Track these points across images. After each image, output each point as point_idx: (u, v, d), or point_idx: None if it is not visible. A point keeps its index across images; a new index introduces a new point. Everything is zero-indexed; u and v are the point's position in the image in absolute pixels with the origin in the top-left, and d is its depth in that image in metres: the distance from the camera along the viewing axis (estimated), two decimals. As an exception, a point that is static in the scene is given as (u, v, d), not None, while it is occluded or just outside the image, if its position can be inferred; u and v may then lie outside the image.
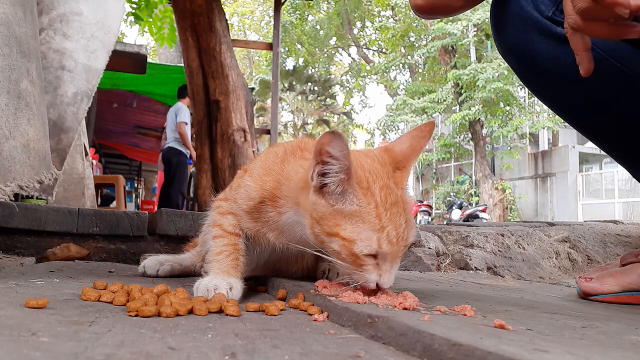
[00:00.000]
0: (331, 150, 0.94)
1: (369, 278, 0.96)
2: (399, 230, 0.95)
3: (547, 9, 1.18)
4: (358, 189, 0.96)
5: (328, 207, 0.97)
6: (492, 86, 15.04)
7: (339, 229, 0.95)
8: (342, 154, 0.93)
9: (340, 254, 0.96)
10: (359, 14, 23.07)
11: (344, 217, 0.96)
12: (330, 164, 0.95)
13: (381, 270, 0.96)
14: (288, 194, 1.07)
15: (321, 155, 0.95)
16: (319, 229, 0.98)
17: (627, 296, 1.30)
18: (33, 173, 2.19)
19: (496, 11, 1.31)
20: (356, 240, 0.94)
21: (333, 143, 0.93)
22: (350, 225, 0.95)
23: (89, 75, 3.35)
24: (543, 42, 1.20)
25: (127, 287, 1.01)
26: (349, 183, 0.95)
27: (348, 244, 0.94)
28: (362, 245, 0.94)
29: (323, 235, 0.97)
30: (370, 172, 0.99)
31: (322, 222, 0.97)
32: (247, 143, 5.48)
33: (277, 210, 1.09)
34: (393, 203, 0.96)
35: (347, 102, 28.31)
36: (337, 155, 0.94)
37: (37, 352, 0.55)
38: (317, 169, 0.97)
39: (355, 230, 0.95)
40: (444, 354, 0.61)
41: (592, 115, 1.25)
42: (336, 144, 0.93)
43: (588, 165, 18.07)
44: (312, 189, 0.98)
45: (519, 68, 1.33)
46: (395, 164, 1.04)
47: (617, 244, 2.47)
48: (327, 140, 0.94)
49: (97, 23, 3.43)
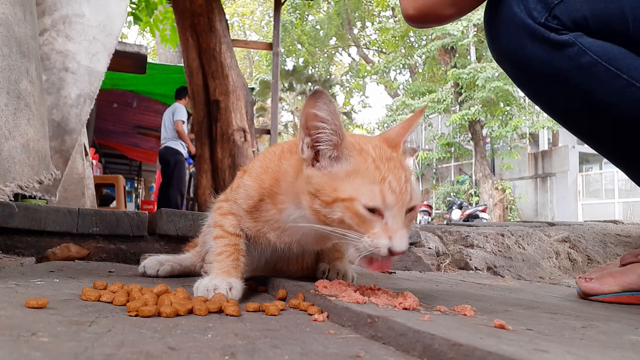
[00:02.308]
0: (319, 112, 0.92)
1: (379, 243, 0.88)
2: (400, 182, 0.91)
3: (539, 15, 1.19)
4: (352, 148, 0.95)
5: (323, 176, 0.94)
6: (492, 86, 15.05)
7: (337, 193, 0.91)
8: (331, 115, 0.92)
9: (344, 220, 0.91)
10: (359, 14, 23.07)
11: (341, 180, 0.93)
12: (322, 128, 0.93)
13: (391, 232, 0.89)
14: (286, 188, 1.06)
15: (308, 122, 0.93)
16: (319, 204, 0.94)
17: (627, 296, 1.30)
18: (33, 173, 2.19)
19: (489, 18, 1.32)
20: (357, 195, 0.89)
21: (319, 104, 0.91)
22: (349, 184, 0.92)
23: (91, 77, 3.35)
24: (537, 48, 1.21)
25: (127, 287, 1.01)
26: (343, 144, 0.94)
27: (349, 204, 0.90)
28: (364, 199, 0.88)
29: (323, 208, 0.93)
30: (361, 138, 0.99)
31: (319, 194, 0.94)
32: (247, 143, 5.48)
33: (277, 207, 1.08)
34: (389, 158, 0.94)
35: (347, 102, 28.31)
36: (326, 118, 0.92)
37: (37, 352, 0.55)
38: (306, 140, 0.96)
39: (354, 187, 0.91)
40: (444, 354, 0.61)
41: (588, 119, 1.26)
42: (322, 105, 0.91)
43: (588, 165, 18.07)
44: (305, 164, 0.97)
45: (514, 73, 1.34)
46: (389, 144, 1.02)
47: (617, 244, 2.47)
48: (312, 103, 0.91)
49: (98, 25, 3.43)
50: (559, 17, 1.17)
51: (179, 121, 6.81)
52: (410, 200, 0.93)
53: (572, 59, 1.17)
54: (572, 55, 1.17)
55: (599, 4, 1.15)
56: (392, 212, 0.90)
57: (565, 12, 1.17)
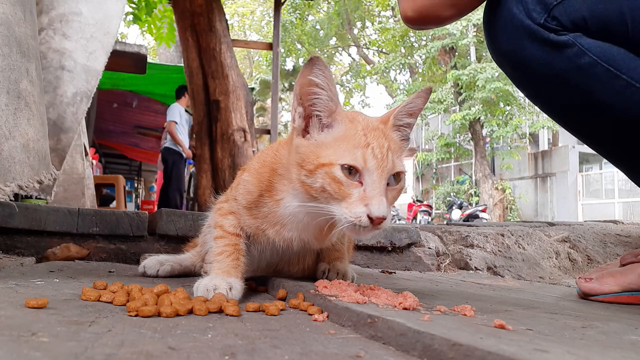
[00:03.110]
0: (315, 78, 0.93)
1: (357, 212, 0.90)
2: (382, 149, 0.93)
3: (538, 16, 1.19)
4: (345, 116, 0.98)
5: (310, 145, 0.97)
6: (492, 86, 15.05)
7: (319, 159, 0.94)
8: (327, 81, 0.94)
9: (325, 188, 0.93)
10: (359, 14, 23.06)
11: (326, 147, 0.95)
12: (318, 94, 0.95)
13: (367, 199, 0.90)
14: (282, 172, 1.07)
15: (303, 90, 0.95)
16: (304, 174, 0.96)
17: (627, 296, 1.30)
18: (33, 173, 2.19)
19: (488, 18, 1.32)
20: (337, 158, 0.92)
21: (315, 71, 0.93)
22: (332, 149, 0.94)
23: (88, 75, 3.35)
24: (536, 49, 1.21)
25: (127, 287, 1.01)
26: (337, 111, 0.97)
27: (329, 169, 0.92)
28: (344, 159, 0.91)
29: (308, 177, 0.95)
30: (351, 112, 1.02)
31: (304, 163, 0.96)
32: (247, 143, 5.48)
33: (273, 199, 1.10)
34: (375, 128, 0.97)
35: (347, 102, 28.28)
36: (322, 84, 0.94)
37: (37, 352, 0.55)
38: (298, 110, 0.98)
39: (335, 151, 0.93)
40: (444, 354, 0.61)
41: (587, 119, 1.26)
42: (318, 72, 0.93)
43: (588, 165, 18.07)
44: (295, 133, 1.00)
45: (513, 74, 1.34)
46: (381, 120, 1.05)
47: (617, 244, 2.47)
48: (308, 70, 0.93)
49: (96, 24, 3.43)
50: (558, 18, 1.17)
51: (171, 122, 6.84)
52: (393, 167, 0.96)
53: (572, 59, 1.17)
54: (572, 55, 1.17)
55: (598, 4, 1.15)
56: (372, 177, 0.92)
57: (565, 13, 1.17)
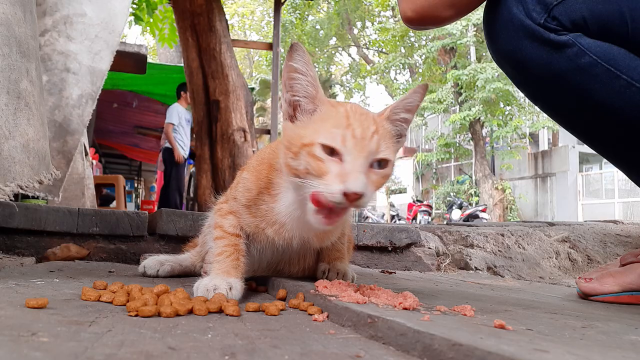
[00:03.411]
0: (294, 64, 0.97)
1: (331, 188, 0.89)
2: (366, 131, 0.92)
3: (538, 15, 1.19)
4: (326, 100, 1.00)
5: (295, 128, 0.99)
6: (492, 86, 15.04)
7: (302, 140, 0.95)
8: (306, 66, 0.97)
9: (308, 170, 0.93)
10: (359, 14, 23.05)
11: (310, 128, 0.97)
12: (297, 79, 0.98)
13: (345, 176, 0.89)
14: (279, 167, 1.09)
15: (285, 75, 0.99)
16: (290, 157, 0.97)
17: (627, 296, 1.30)
18: (33, 173, 2.19)
19: (488, 19, 1.32)
20: (317, 137, 0.92)
21: (294, 57, 0.97)
22: (313, 130, 0.95)
23: (93, 77, 3.35)
24: (536, 49, 1.21)
25: (127, 287, 1.01)
26: (317, 97, 0.99)
27: (310, 149, 0.93)
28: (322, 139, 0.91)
29: (293, 160, 0.96)
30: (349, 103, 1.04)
31: (290, 145, 0.97)
32: (247, 143, 5.47)
33: (271, 195, 1.11)
34: (362, 114, 0.97)
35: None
36: (301, 69, 0.97)
37: (37, 352, 0.55)
38: (286, 96, 1.00)
39: (316, 131, 0.94)
40: (444, 354, 0.61)
41: (587, 119, 1.26)
42: (297, 57, 0.96)
43: (588, 165, 18.06)
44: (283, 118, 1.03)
45: (513, 74, 1.34)
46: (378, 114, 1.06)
47: (617, 244, 2.47)
48: (289, 57, 0.97)
49: (101, 23, 3.42)
50: (558, 18, 1.17)
51: (168, 124, 6.83)
52: (377, 151, 0.94)
53: (572, 59, 1.17)
54: (572, 55, 1.17)
55: (598, 4, 1.15)
56: (351, 156, 0.91)
57: (565, 13, 1.17)
